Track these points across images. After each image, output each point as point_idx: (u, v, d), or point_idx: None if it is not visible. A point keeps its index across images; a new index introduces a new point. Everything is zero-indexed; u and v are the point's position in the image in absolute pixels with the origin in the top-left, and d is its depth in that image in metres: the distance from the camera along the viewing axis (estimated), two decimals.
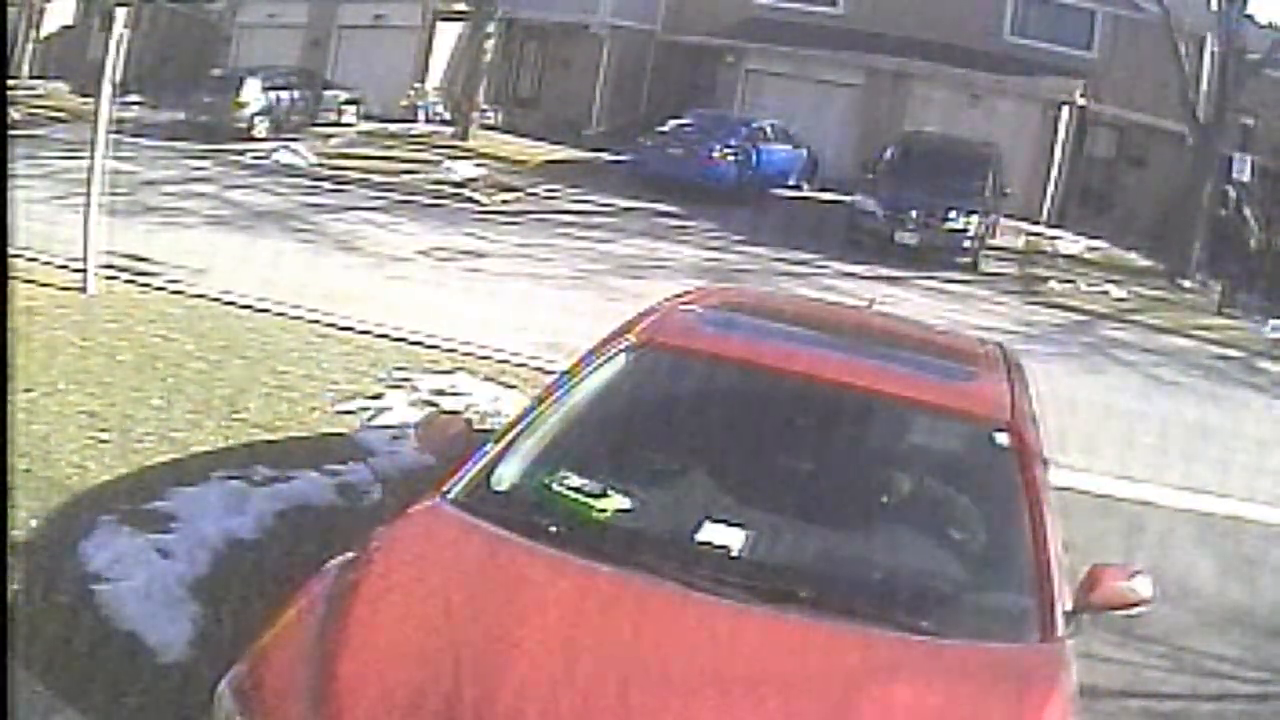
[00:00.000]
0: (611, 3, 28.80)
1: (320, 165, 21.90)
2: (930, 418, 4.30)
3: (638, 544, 3.49)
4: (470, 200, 19.99)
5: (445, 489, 3.62)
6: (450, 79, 29.20)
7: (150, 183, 17.17)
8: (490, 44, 27.05)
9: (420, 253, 14.78)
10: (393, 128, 26.76)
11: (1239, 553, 7.29)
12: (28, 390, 6.42)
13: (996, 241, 20.96)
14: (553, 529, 3.46)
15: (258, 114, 24.60)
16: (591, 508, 3.60)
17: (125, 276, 10.49)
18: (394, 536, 3.43)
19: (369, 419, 7.22)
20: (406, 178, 21.21)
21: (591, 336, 4.65)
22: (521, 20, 29.00)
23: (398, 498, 4.38)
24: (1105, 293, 18.82)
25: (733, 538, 3.55)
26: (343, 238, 15.33)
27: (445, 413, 6.50)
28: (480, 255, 15.16)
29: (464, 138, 25.75)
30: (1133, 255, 23.01)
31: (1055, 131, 26.19)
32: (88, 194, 9.78)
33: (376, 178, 20.95)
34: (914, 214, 18.95)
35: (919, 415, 4.32)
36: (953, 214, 18.93)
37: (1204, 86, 22.67)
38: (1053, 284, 18.82)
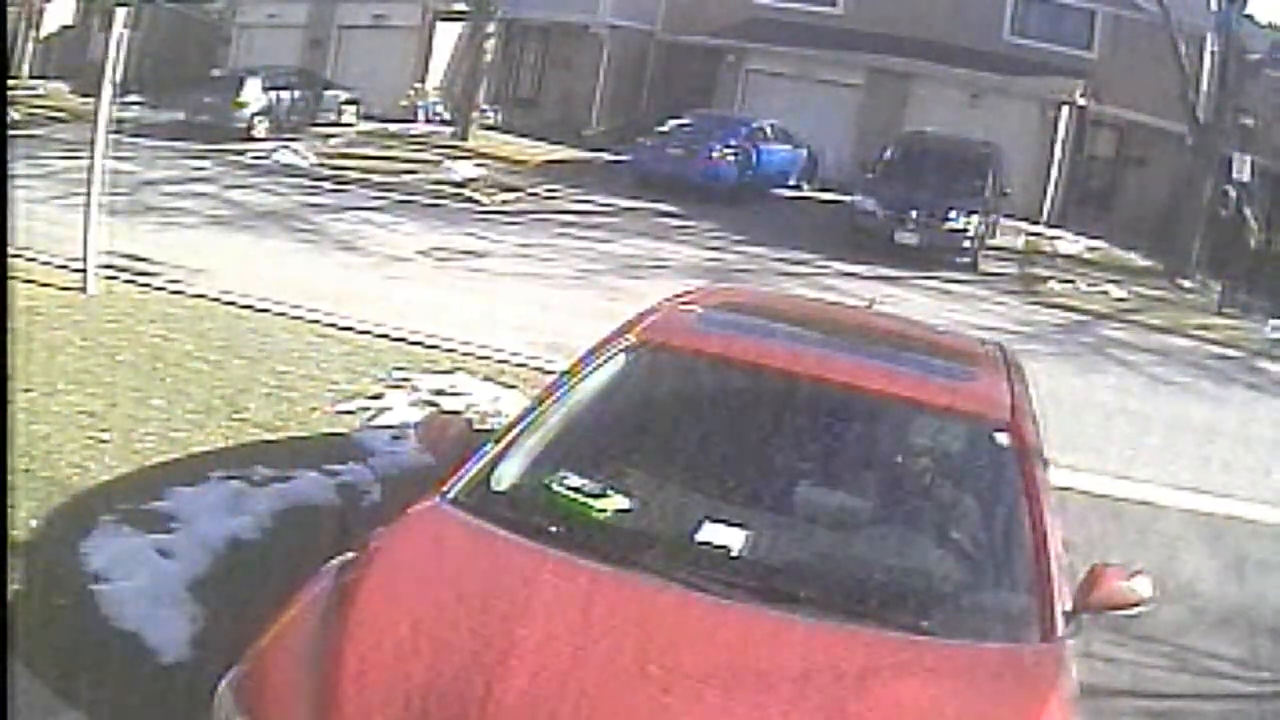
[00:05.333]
0: (611, 3, 28.80)
1: (320, 165, 21.90)
2: (930, 417, 4.31)
3: (638, 544, 3.49)
4: (470, 200, 19.99)
5: (445, 489, 3.62)
6: (450, 79, 29.20)
7: (150, 183, 17.17)
8: (490, 44, 27.05)
9: (420, 253, 14.78)
10: (393, 128, 26.76)
11: (1239, 552, 7.29)
12: (28, 390, 6.42)
13: (996, 241, 20.97)
14: (553, 529, 3.46)
15: (258, 114, 24.60)
16: (591, 508, 3.60)
17: (125, 276, 10.50)
18: (394, 536, 3.43)
19: (369, 419, 7.22)
20: (406, 178, 21.21)
21: (591, 336, 4.65)
22: (521, 20, 29.00)
23: (398, 498, 4.37)
24: (1105, 293, 18.82)
25: (732, 538, 3.55)
26: (343, 238, 15.34)
27: (445, 413, 6.51)
28: (480, 255, 15.16)
29: (464, 138, 25.75)
30: (1133, 255, 23.01)
31: (1055, 131, 26.19)
32: (88, 194, 9.78)
33: (376, 178, 20.96)
34: (914, 214, 18.95)
35: (919, 415, 4.32)
36: (953, 214, 18.93)
37: (1204, 86, 22.67)
38: (1053, 284, 18.82)
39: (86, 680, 3.94)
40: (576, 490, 3.64)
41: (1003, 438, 3.99)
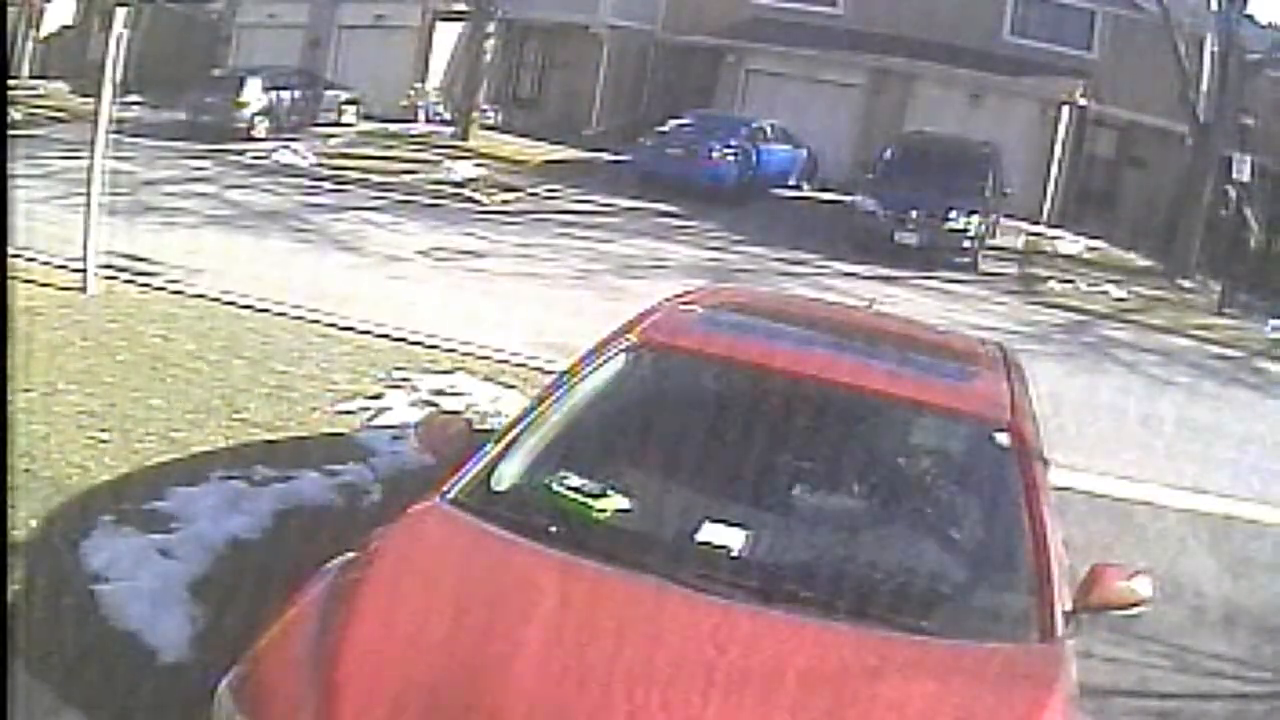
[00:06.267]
0: (611, 3, 28.80)
1: (320, 165, 21.90)
2: (930, 418, 4.31)
3: (637, 544, 3.49)
4: (470, 200, 19.99)
5: (445, 489, 3.62)
6: (450, 79, 29.20)
7: (150, 183, 17.17)
8: (490, 44, 27.04)
9: (420, 253, 14.78)
10: (393, 128, 26.76)
11: (1237, 552, 7.29)
12: (28, 390, 6.42)
13: (996, 241, 20.97)
14: (553, 529, 3.46)
15: (258, 114, 24.61)
16: (591, 508, 3.60)
17: (125, 276, 10.49)
18: (394, 536, 3.43)
19: (369, 419, 7.22)
20: (406, 178, 21.21)
21: (592, 336, 4.65)
22: (521, 20, 28.99)
23: (398, 498, 4.37)
24: (1105, 293, 18.83)
25: (732, 538, 3.55)
26: (343, 238, 15.34)
27: (445, 413, 6.50)
28: (480, 255, 15.16)
29: (464, 138, 25.75)
30: (1133, 255, 23.02)
31: (1055, 131, 26.19)
32: (88, 194, 9.78)
33: (376, 178, 20.96)
34: (914, 214, 18.95)
35: (919, 415, 4.32)
36: (953, 214, 18.93)
37: (1204, 86, 22.68)
38: (1053, 284, 18.82)
39: (86, 680, 3.94)
40: (576, 490, 3.64)
41: (1003, 438, 3.99)
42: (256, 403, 7.15)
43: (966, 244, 19.08)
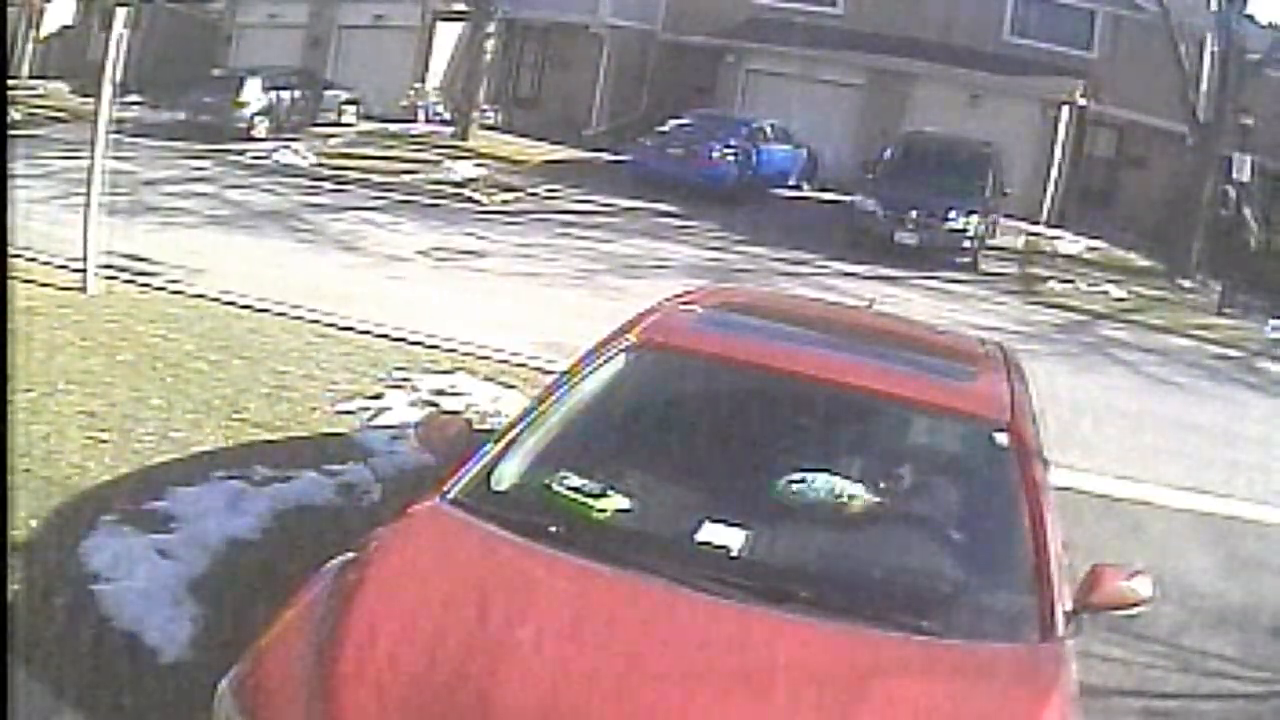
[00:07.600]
0: (611, 3, 28.79)
1: (320, 165, 21.91)
2: (930, 418, 4.31)
3: (637, 544, 3.49)
4: (470, 200, 20.00)
5: (445, 489, 3.62)
6: (450, 79, 29.20)
7: (150, 183, 17.17)
8: (490, 44, 27.04)
9: (420, 253, 14.79)
10: (393, 128, 26.76)
11: (1238, 552, 7.29)
12: (28, 390, 6.42)
13: (996, 241, 20.97)
14: (553, 529, 3.46)
15: (258, 114, 24.60)
16: (591, 508, 3.60)
17: (125, 276, 10.50)
18: (394, 536, 3.43)
19: (369, 419, 7.22)
20: (406, 178, 21.22)
21: (591, 336, 4.65)
22: (521, 20, 29.00)
23: (398, 498, 4.37)
24: (1105, 293, 18.83)
25: (732, 538, 3.55)
26: (343, 238, 15.34)
27: (445, 413, 6.50)
28: (480, 255, 15.17)
29: (464, 138, 25.75)
30: (1133, 255, 23.02)
31: (1055, 131, 26.18)
32: (88, 194, 9.79)
33: (376, 178, 20.97)
34: (914, 214, 18.96)
35: (919, 415, 4.32)
36: (953, 214, 18.94)
37: (1204, 86, 22.69)
38: (1053, 284, 18.83)
39: (86, 680, 3.94)
40: (576, 490, 3.64)
41: (1003, 438, 3.99)
42: (256, 403, 7.15)
43: (966, 244, 19.09)
